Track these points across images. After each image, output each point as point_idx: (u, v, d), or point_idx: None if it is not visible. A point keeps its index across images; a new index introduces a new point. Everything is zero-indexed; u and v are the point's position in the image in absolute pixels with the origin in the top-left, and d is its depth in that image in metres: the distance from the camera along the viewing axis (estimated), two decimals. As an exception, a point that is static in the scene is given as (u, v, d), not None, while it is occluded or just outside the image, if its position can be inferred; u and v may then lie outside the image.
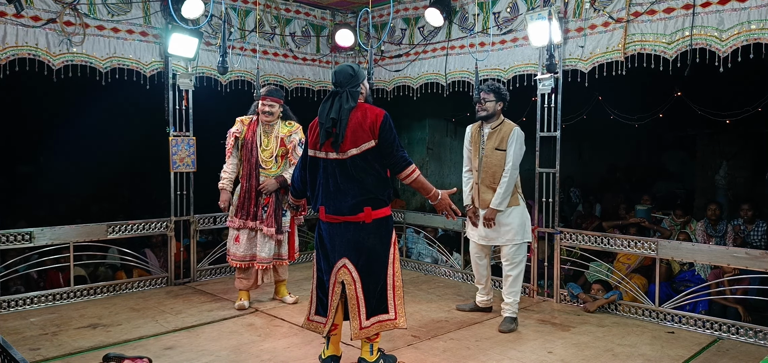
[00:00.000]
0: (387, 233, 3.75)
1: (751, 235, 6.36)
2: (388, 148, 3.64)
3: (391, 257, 3.75)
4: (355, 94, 3.70)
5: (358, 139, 3.60)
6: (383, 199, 3.71)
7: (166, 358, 4.26)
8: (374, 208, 3.66)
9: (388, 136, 3.62)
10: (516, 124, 4.94)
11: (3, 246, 5.36)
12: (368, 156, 3.62)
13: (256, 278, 5.43)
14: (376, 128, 3.60)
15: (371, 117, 3.62)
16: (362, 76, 3.77)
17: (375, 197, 3.67)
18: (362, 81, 3.77)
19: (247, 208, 5.30)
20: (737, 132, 9.43)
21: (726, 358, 4.42)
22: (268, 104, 5.25)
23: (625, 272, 5.95)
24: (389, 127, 3.62)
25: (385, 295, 3.75)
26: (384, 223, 3.73)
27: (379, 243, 3.72)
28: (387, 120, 3.63)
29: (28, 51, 5.31)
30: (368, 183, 3.65)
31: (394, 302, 3.76)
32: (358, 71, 3.77)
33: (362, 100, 3.76)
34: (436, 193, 3.79)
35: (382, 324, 3.76)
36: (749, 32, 4.60)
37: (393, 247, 3.77)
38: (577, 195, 10.44)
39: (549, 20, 5.34)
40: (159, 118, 6.30)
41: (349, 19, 7.60)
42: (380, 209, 3.69)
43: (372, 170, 3.65)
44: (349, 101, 3.66)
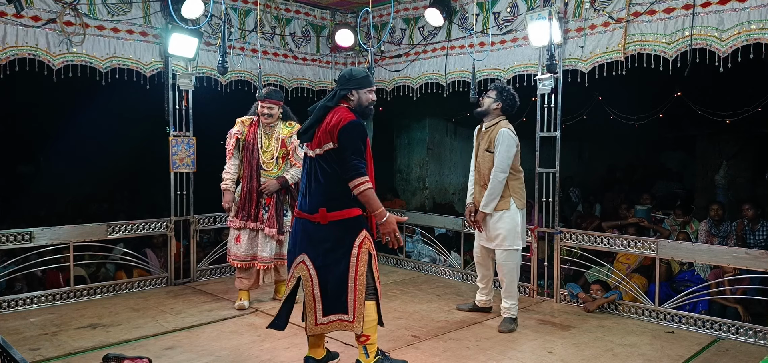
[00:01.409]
0: (346, 235, 3.65)
1: (756, 234, 6.36)
2: (342, 153, 3.57)
3: (352, 260, 3.64)
4: (342, 96, 3.69)
5: (321, 139, 3.62)
6: (342, 202, 3.63)
7: (166, 358, 4.26)
8: (330, 210, 3.63)
9: (346, 142, 3.56)
10: (506, 126, 4.87)
11: (3, 246, 5.36)
12: (328, 157, 3.62)
13: (257, 278, 5.44)
14: (336, 131, 3.56)
15: (336, 120, 3.59)
16: (358, 83, 3.70)
17: (331, 199, 3.63)
18: (357, 88, 3.69)
19: (248, 210, 5.30)
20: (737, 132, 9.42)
21: (726, 358, 4.42)
22: (268, 107, 5.25)
23: (625, 272, 5.94)
24: (350, 134, 3.55)
25: (345, 297, 3.67)
26: (342, 225, 3.65)
27: (335, 244, 3.66)
28: (351, 127, 3.57)
29: (28, 51, 5.31)
30: (326, 184, 3.64)
31: (354, 305, 3.66)
32: (356, 77, 3.73)
33: (350, 106, 3.69)
34: (382, 212, 3.64)
35: (341, 323, 3.73)
36: (749, 32, 4.60)
37: (356, 249, 3.64)
38: (577, 195, 10.44)
39: (549, 20, 5.34)
40: (159, 118, 6.30)
41: (349, 19, 7.60)
42: (337, 211, 3.63)
43: (331, 172, 3.62)
44: (331, 101, 3.70)
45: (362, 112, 3.74)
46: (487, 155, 4.88)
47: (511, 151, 4.80)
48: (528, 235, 5.98)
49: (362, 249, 3.66)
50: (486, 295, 5.33)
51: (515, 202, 4.89)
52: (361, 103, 3.73)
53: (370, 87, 3.76)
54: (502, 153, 4.78)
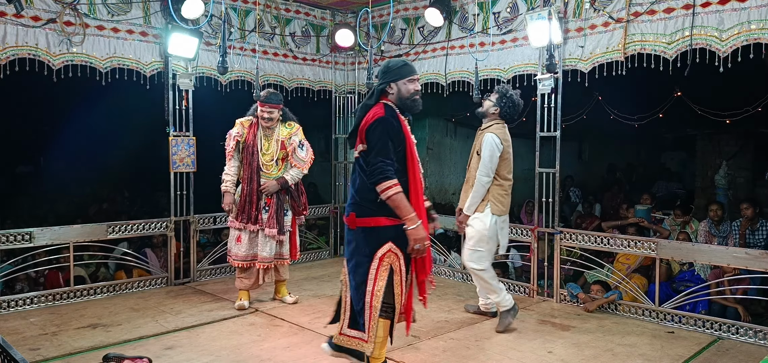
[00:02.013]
0: (368, 245, 3.45)
1: (756, 234, 6.35)
2: (368, 155, 3.40)
3: (371, 272, 3.44)
4: (380, 91, 3.52)
5: (357, 140, 3.50)
6: (370, 208, 3.44)
7: (166, 358, 4.26)
8: (359, 215, 3.47)
9: (371, 142, 3.39)
10: (495, 131, 4.81)
11: (3, 246, 5.35)
12: (362, 159, 3.48)
13: (258, 278, 5.44)
14: (364, 131, 3.43)
15: (367, 118, 3.43)
16: (396, 74, 3.50)
17: (361, 204, 3.47)
18: (395, 79, 3.49)
19: (248, 212, 5.30)
20: (737, 132, 9.42)
21: (726, 358, 4.42)
22: (267, 111, 5.24)
23: (625, 272, 5.95)
24: (375, 133, 3.37)
25: (363, 313, 3.49)
26: (368, 233, 3.46)
27: (360, 253, 3.49)
28: (377, 125, 3.38)
29: (28, 51, 5.31)
30: (358, 188, 3.50)
31: (369, 323, 3.48)
32: (393, 67, 3.53)
33: (391, 101, 3.52)
34: (411, 219, 3.37)
35: (356, 341, 3.55)
36: (749, 32, 4.60)
37: (377, 261, 3.43)
38: (577, 195, 10.43)
39: (549, 20, 5.34)
40: (159, 118, 6.30)
41: (349, 19, 7.60)
42: (365, 218, 3.45)
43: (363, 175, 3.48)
44: (370, 98, 3.54)
45: (405, 106, 3.54)
46: (476, 157, 4.88)
47: (494, 157, 4.74)
48: (528, 235, 6.00)
49: (383, 263, 3.44)
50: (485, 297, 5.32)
51: (491, 207, 4.82)
52: (401, 95, 3.52)
53: (409, 76, 3.52)
54: (485, 158, 4.75)
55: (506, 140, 4.85)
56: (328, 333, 4.78)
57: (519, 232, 6.09)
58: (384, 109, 3.45)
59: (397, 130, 3.44)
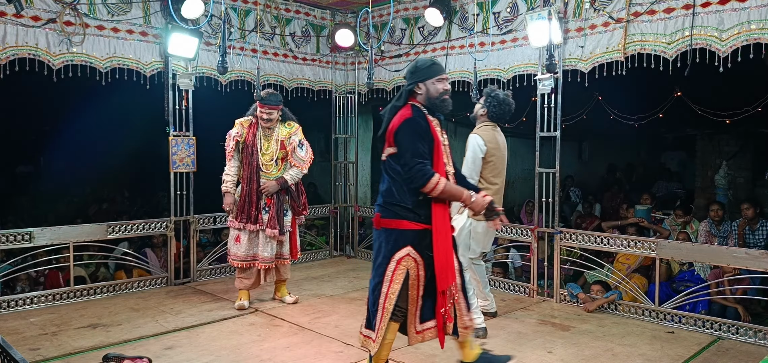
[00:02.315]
0: (388, 247, 3.44)
1: (756, 234, 6.36)
2: (401, 158, 3.34)
3: (387, 273, 3.42)
4: (408, 92, 3.48)
5: (386, 142, 3.47)
6: (394, 211, 3.42)
7: (166, 358, 4.26)
8: (382, 216, 3.47)
9: (402, 144, 3.35)
10: (479, 132, 4.73)
11: (3, 246, 5.35)
12: (390, 162, 3.45)
13: (258, 278, 5.44)
14: (392, 134, 3.39)
15: (394, 121, 3.40)
16: (424, 74, 3.45)
17: (386, 205, 3.47)
18: (423, 79, 3.44)
19: (248, 212, 5.30)
20: (737, 132, 9.41)
21: (726, 358, 4.42)
22: (266, 112, 5.24)
23: (625, 272, 5.95)
24: (405, 134, 3.33)
25: (377, 313, 3.48)
26: (389, 235, 3.44)
27: (380, 254, 3.48)
28: (405, 126, 3.34)
29: (28, 51, 5.31)
30: (385, 189, 3.49)
31: (379, 324, 3.46)
32: (421, 67, 3.48)
33: (421, 101, 3.47)
34: (467, 196, 3.42)
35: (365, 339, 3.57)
36: (749, 32, 4.60)
37: (393, 264, 3.40)
38: (577, 195, 10.43)
39: (549, 20, 5.34)
40: (159, 118, 6.30)
41: (349, 19, 7.60)
42: (388, 219, 3.44)
43: (391, 177, 3.45)
44: (399, 100, 3.50)
45: (435, 106, 3.48)
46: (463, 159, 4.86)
47: (476, 159, 4.64)
48: (528, 235, 5.99)
49: (400, 266, 3.40)
50: (483, 299, 5.27)
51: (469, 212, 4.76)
52: (430, 95, 3.46)
53: (438, 76, 3.46)
54: (467, 158, 4.67)
55: (493, 142, 4.69)
56: (329, 333, 4.80)
57: (519, 232, 6.09)
58: (411, 110, 3.41)
59: (425, 129, 3.39)
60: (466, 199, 3.42)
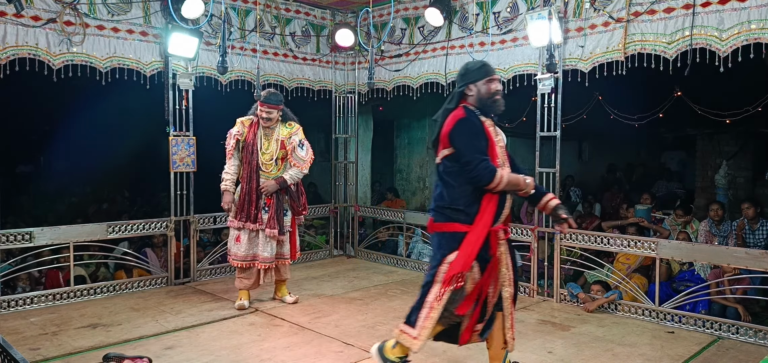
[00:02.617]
0: (441, 250, 3.41)
1: (756, 234, 6.35)
2: (462, 157, 3.33)
3: (439, 276, 3.37)
4: (460, 94, 3.48)
5: (440, 146, 3.47)
6: (446, 214, 3.41)
7: (166, 357, 4.26)
8: (435, 220, 3.46)
9: (460, 144, 3.34)
10: None
11: (3, 246, 5.35)
12: (446, 165, 3.44)
13: (258, 278, 5.44)
14: (447, 136, 3.38)
15: (448, 123, 3.40)
16: (474, 76, 3.46)
17: (439, 209, 3.46)
18: (474, 81, 3.45)
19: (248, 211, 5.30)
20: (737, 132, 9.41)
21: (726, 358, 4.42)
22: (266, 111, 5.24)
23: (625, 272, 5.94)
24: (461, 133, 3.34)
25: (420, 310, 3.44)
26: (441, 238, 3.43)
27: (434, 257, 3.48)
28: (460, 125, 3.35)
29: (28, 51, 5.31)
30: (439, 192, 3.48)
31: (424, 321, 3.41)
32: (471, 69, 3.51)
33: (472, 102, 3.47)
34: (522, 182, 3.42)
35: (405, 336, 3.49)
36: (749, 32, 4.60)
37: (445, 266, 3.35)
38: (577, 195, 10.43)
39: (549, 20, 5.34)
40: (159, 118, 6.30)
41: (349, 18, 7.60)
42: (440, 223, 3.44)
43: (446, 179, 3.44)
44: (450, 102, 3.49)
45: (486, 107, 3.48)
46: None
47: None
48: (528, 235, 5.99)
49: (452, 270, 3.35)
50: None
51: None
52: (481, 96, 3.46)
53: (488, 77, 3.47)
54: None
55: None
56: (329, 333, 4.79)
57: (519, 231, 6.09)
58: (464, 111, 3.42)
59: (480, 128, 3.40)
60: (523, 184, 3.41)
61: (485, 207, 3.35)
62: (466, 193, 3.36)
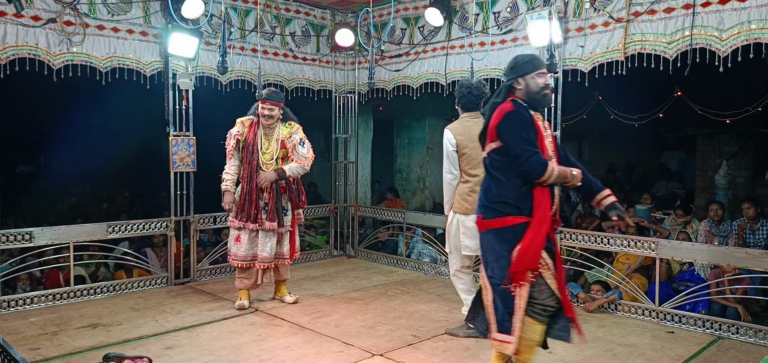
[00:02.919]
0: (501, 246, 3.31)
1: (756, 234, 6.36)
2: (511, 151, 3.25)
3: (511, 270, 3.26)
4: (508, 87, 3.40)
5: (487, 139, 3.39)
6: (496, 209, 3.32)
7: (166, 357, 4.26)
8: (485, 217, 3.37)
9: (509, 138, 3.26)
10: (449, 126, 4.67)
11: (3, 246, 5.35)
12: (493, 159, 3.37)
13: (257, 278, 5.44)
14: (494, 129, 3.31)
15: (495, 117, 3.33)
16: (523, 69, 3.37)
17: (489, 205, 3.36)
18: (522, 75, 3.36)
19: (248, 211, 5.30)
20: (737, 132, 9.42)
21: (726, 358, 4.42)
22: (268, 108, 5.24)
23: (625, 272, 5.94)
24: (509, 127, 3.26)
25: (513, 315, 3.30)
26: (499, 234, 3.32)
27: (491, 257, 3.36)
28: (509, 119, 3.27)
29: (28, 51, 5.31)
30: (486, 188, 3.41)
31: (517, 323, 3.28)
32: (520, 63, 3.41)
33: (520, 96, 3.38)
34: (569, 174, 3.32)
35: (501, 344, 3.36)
36: (749, 32, 4.60)
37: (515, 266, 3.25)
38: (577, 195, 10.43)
39: (549, 20, 5.33)
40: (159, 118, 6.30)
41: (349, 18, 7.60)
42: (492, 219, 3.34)
43: (494, 173, 3.36)
44: (498, 96, 3.42)
45: (535, 101, 3.39)
46: None
47: (448, 154, 4.58)
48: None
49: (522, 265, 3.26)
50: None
51: (454, 206, 4.64)
52: (529, 90, 3.37)
53: (536, 70, 3.38)
54: (443, 155, 4.65)
55: (463, 134, 4.56)
56: (329, 333, 4.79)
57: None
58: (513, 104, 3.35)
59: (529, 121, 3.32)
60: (570, 177, 3.33)
61: (539, 200, 3.27)
62: (516, 187, 3.29)
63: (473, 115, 4.65)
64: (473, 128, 4.54)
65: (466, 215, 4.54)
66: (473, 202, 4.50)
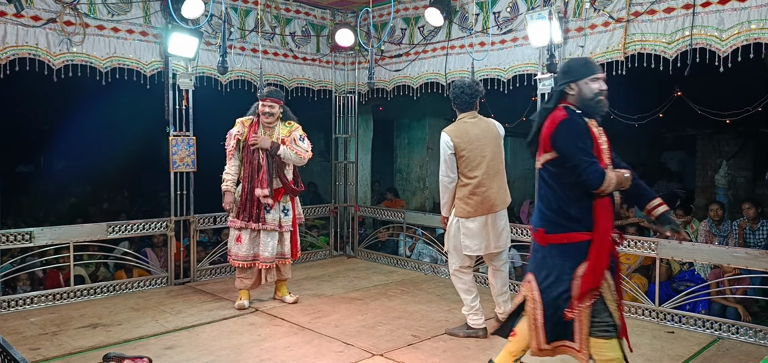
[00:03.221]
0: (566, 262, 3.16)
1: (756, 234, 6.36)
2: (568, 162, 3.10)
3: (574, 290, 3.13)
4: (559, 93, 3.25)
5: (540, 149, 3.25)
6: (562, 224, 3.18)
7: (166, 357, 4.26)
8: (548, 231, 3.22)
9: (564, 148, 3.11)
10: (446, 129, 4.61)
11: (3, 246, 5.35)
12: (548, 170, 3.23)
13: (258, 278, 5.44)
14: (548, 139, 3.16)
15: (547, 126, 3.17)
16: (576, 74, 3.21)
17: (551, 219, 3.22)
18: (575, 80, 3.19)
19: (249, 210, 5.30)
20: (737, 132, 9.42)
21: (726, 358, 4.42)
22: (269, 105, 5.25)
23: (625, 272, 5.94)
24: (564, 137, 3.10)
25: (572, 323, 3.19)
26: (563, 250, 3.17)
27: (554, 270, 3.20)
28: (563, 128, 3.11)
29: (28, 51, 5.31)
30: (546, 200, 3.25)
31: (581, 332, 3.18)
32: (573, 67, 3.27)
33: (573, 102, 3.22)
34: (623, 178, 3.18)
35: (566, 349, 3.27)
36: (749, 32, 4.60)
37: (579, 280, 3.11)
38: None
39: (549, 20, 5.33)
40: (159, 118, 6.30)
41: (349, 18, 7.60)
42: (556, 234, 3.19)
43: (552, 185, 3.22)
44: (549, 102, 3.29)
45: (589, 107, 3.21)
46: None
47: (445, 156, 4.53)
48: (527, 235, 5.99)
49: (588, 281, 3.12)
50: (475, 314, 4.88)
51: (455, 210, 4.59)
52: (583, 96, 3.20)
53: (591, 75, 3.20)
54: (440, 158, 4.61)
55: (460, 136, 4.52)
56: (329, 333, 4.80)
57: (519, 231, 6.09)
58: (565, 111, 3.19)
59: (584, 129, 3.16)
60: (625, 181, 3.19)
61: (600, 212, 3.14)
62: (576, 199, 3.16)
63: (470, 115, 4.63)
64: (471, 129, 4.57)
65: (468, 218, 4.52)
66: (474, 204, 4.53)
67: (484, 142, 4.54)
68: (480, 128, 4.60)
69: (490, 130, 4.62)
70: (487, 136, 4.59)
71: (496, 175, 4.59)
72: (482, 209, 4.52)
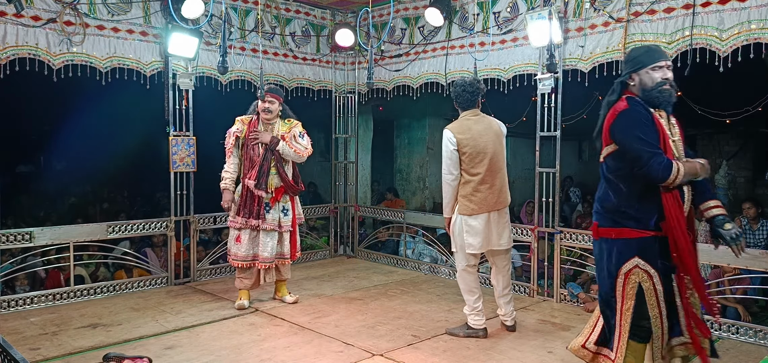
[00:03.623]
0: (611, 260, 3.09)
1: (756, 234, 6.36)
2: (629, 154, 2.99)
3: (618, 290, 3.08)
4: (622, 84, 3.15)
5: (603, 142, 3.15)
6: (613, 218, 3.10)
7: (166, 357, 4.26)
8: (601, 225, 3.16)
9: (624, 140, 2.99)
10: (449, 126, 4.60)
11: (3, 246, 5.36)
12: (609, 163, 3.13)
13: (258, 278, 5.44)
14: (608, 131, 3.07)
15: (609, 117, 3.07)
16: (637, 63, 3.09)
17: (604, 212, 3.16)
18: (636, 69, 3.08)
19: (250, 208, 5.30)
20: (737, 132, 9.42)
21: (726, 358, 4.42)
22: (269, 100, 5.26)
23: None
24: (623, 128, 2.99)
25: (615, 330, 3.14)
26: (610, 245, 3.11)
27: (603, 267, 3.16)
28: (622, 119, 3.00)
29: (28, 51, 5.30)
30: (603, 193, 3.18)
31: (618, 341, 3.09)
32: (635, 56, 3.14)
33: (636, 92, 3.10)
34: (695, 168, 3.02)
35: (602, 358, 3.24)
36: (749, 32, 4.59)
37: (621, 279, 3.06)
38: (577, 195, 10.43)
39: (549, 20, 5.33)
40: (159, 118, 6.30)
41: (349, 18, 7.60)
42: (607, 228, 3.12)
43: (611, 179, 3.13)
44: (612, 94, 3.17)
45: (652, 98, 3.06)
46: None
47: (447, 153, 4.52)
48: (528, 235, 5.99)
49: (629, 280, 3.05)
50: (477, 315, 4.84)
51: (458, 208, 4.56)
52: (644, 86, 3.07)
53: (653, 63, 3.06)
54: (443, 156, 4.61)
55: (463, 133, 4.50)
56: (329, 333, 4.80)
57: (519, 231, 6.09)
58: (627, 101, 3.06)
59: (647, 119, 3.00)
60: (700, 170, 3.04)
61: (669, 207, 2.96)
62: (637, 194, 3.03)
63: (473, 113, 4.63)
64: (473, 126, 4.57)
65: (471, 216, 4.52)
66: (478, 201, 4.52)
67: (486, 140, 4.55)
68: (482, 126, 4.60)
69: (491, 128, 4.64)
70: (489, 133, 4.60)
71: (498, 173, 4.59)
72: (485, 206, 4.53)
